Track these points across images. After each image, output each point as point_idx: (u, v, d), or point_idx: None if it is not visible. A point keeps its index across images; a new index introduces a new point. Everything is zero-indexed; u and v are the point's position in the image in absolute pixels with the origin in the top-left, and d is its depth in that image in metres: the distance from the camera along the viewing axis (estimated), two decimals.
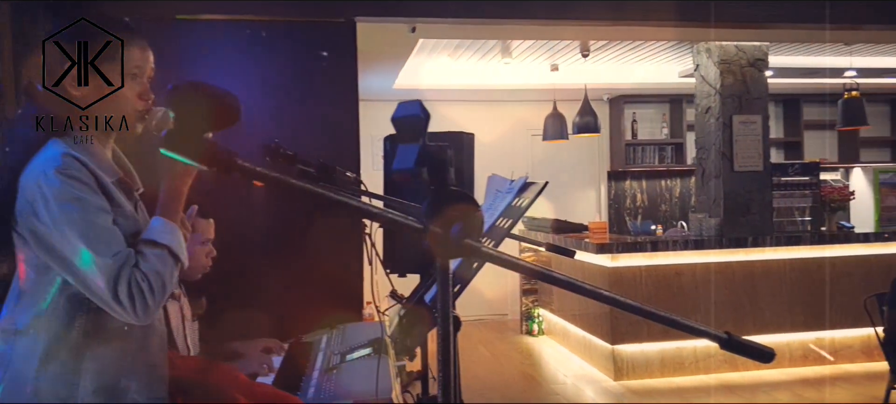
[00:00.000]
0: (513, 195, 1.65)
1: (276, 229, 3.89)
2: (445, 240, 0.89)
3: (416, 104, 0.93)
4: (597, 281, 5.95)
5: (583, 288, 0.98)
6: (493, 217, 1.65)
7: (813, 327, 5.94)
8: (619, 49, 6.63)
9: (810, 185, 6.51)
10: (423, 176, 0.93)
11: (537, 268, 0.99)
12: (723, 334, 1.06)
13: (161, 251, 1.51)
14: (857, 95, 6.60)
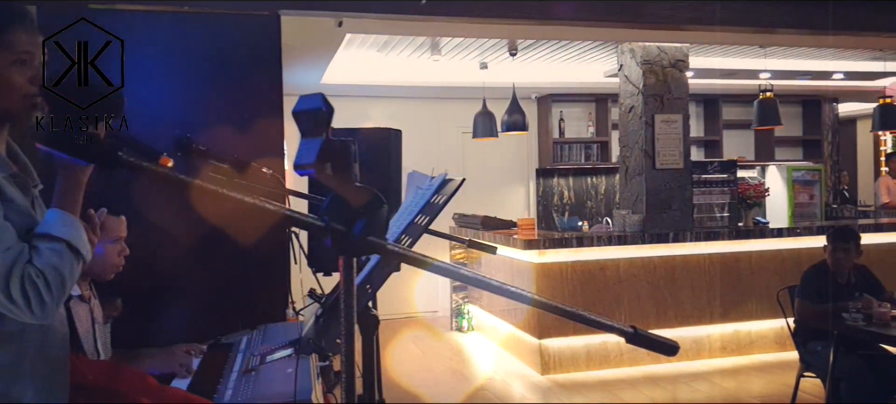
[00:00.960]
0: (432, 192, 1.63)
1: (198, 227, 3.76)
2: (348, 237, 0.87)
3: (318, 97, 0.90)
4: (524, 276, 6.02)
5: (489, 284, 0.97)
6: (411, 214, 1.63)
7: (731, 319, 6.17)
8: (546, 48, 6.72)
9: (728, 183, 6.76)
10: (326, 171, 0.90)
11: (443, 264, 0.98)
12: (628, 328, 1.07)
13: (57, 244, 1.42)
14: (771, 96, 6.89)
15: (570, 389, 5.44)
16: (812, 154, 9.80)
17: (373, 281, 1.56)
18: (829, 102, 9.86)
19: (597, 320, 1.05)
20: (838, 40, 5.95)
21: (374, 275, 1.53)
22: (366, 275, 1.61)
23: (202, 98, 3.90)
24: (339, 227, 0.86)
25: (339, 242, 0.87)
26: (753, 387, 5.39)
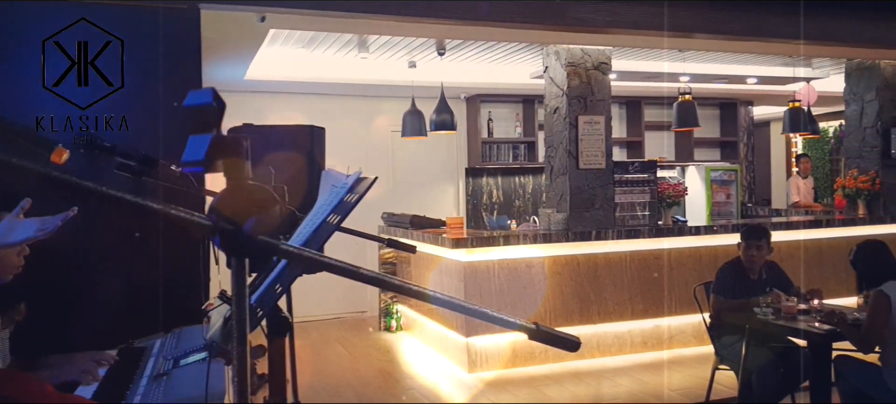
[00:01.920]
0: (345, 191, 1.61)
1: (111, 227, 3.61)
2: (237, 237, 0.84)
3: (209, 92, 0.87)
4: (453, 275, 6.05)
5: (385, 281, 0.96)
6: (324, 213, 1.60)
7: (651, 315, 6.36)
8: (474, 49, 6.76)
9: (649, 182, 6.97)
10: (217, 169, 0.87)
11: (345, 265, 0.96)
12: (531, 325, 1.08)
13: None
14: (689, 99, 7.14)
15: (496, 387, 5.49)
16: (729, 155, 10.20)
17: (282, 282, 1.52)
18: (745, 105, 10.29)
19: (500, 318, 1.06)
20: (750, 46, 6.21)
21: (284, 276, 1.50)
22: (275, 276, 1.57)
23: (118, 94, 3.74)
24: (228, 226, 0.83)
25: (228, 241, 0.84)
26: (672, 381, 5.56)
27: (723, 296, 4.49)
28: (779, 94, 9.38)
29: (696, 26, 5.57)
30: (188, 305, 3.64)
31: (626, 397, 5.19)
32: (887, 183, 7.41)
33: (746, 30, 5.62)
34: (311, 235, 1.54)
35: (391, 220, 7.17)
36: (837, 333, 3.87)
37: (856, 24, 6.02)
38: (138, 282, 3.61)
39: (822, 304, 4.27)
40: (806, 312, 4.18)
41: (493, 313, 1.04)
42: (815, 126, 8.78)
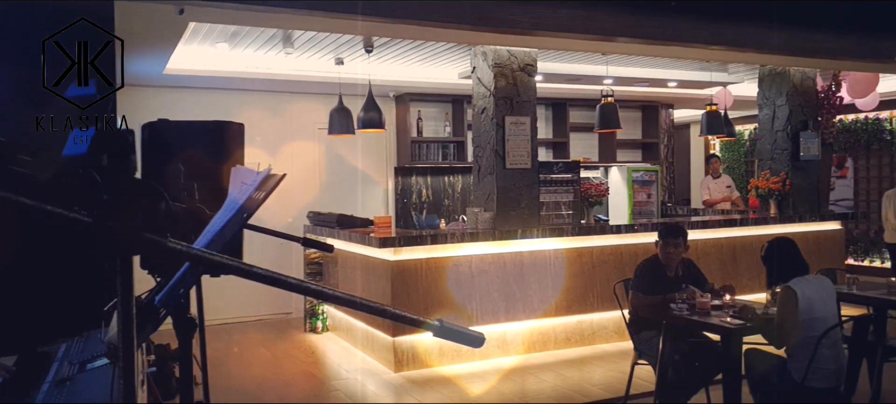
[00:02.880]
0: (253, 188, 1.57)
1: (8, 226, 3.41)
2: (120, 234, 0.80)
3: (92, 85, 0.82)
4: (380, 274, 6.01)
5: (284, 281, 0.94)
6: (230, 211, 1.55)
7: (574, 311, 6.49)
8: (402, 47, 6.75)
9: (572, 182, 7.10)
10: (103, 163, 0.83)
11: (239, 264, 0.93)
12: (435, 323, 1.08)
13: None
14: (611, 101, 7.32)
15: (422, 385, 5.49)
16: (650, 156, 10.52)
17: (186, 283, 1.47)
18: (665, 108, 10.64)
19: (405, 316, 1.05)
20: (668, 50, 6.42)
21: (187, 276, 1.45)
22: (179, 276, 1.52)
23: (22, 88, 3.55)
24: (111, 223, 0.80)
25: (110, 240, 0.80)
26: (594, 376, 5.69)
27: (641, 292, 4.61)
28: (697, 97, 9.74)
29: (617, 30, 5.71)
30: (99, 307, 3.49)
31: (550, 392, 5.28)
32: (796, 184, 7.80)
33: (665, 34, 5.80)
34: (215, 235, 1.50)
35: (317, 220, 7.07)
36: (748, 327, 4.04)
37: (765, 31, 6.31)
38: (41, 284, 3.43)
39: (734, 300, 4.45)
40: (719, 308, 4.36)
41: (398, 311, 1.03)
42: (730, 129, 9.17)
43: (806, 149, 7.78)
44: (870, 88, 8.39)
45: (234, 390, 5.47)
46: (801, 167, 7.85)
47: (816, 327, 3.70)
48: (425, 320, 1.05)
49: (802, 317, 3.74)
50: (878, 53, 6.94)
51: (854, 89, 8.43)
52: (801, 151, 7.77)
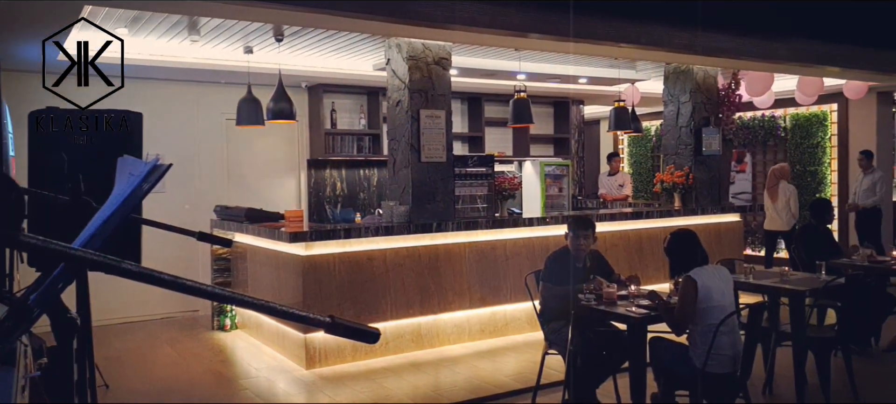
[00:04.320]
0: (139, 179, 1.47)
1: None
2: None
3: None
4: (290, 270, 5.88)
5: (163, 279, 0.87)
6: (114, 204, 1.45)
7: (488, 303, 6.54)
8: (314, 36, 6.60)
9: (487, 176, 7.15)
10: None
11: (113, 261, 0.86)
12: (326, 319, 1.03)
13: None
14: (524, 97, 7.42)
15: (334, 382, 5.40)
16: (562, 151, 10.74)
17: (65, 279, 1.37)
18: (576, 104, 10.88)
19: (294, 312, 1.00)
20: (578, 47, 6.54)
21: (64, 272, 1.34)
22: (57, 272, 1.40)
23: None
24: None
25: None
26: (507, 367, 5.75)
27: (551, 283, 4.69)
28: (606, 94, 10.02)
29: (528, 26, 5.77)
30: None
31: (463, 385, 5.29)
32: (699, 178, 8.14)
33: (575, 31, 5.91)
34: (97, 228, 1.39)
35: (225, 214, 6.84)
36: (652, 317, 4.17)
37: (670, 30, 6.53)
38: None
39: (639, 290, 4.59)
40: (624, 298, 4.48)
41: (288, 308, 0.98)
42: (638, 124, 9.47)
43: (708, 144, 8.12)
44: (766, 87, 8.85)
45: (136, 391, 5.22)
46: (703, 162, 8.20)
47: (715, 315, 3.86)
48: (315, 316, 1.00)
49: (702, 306, 3.90)
50: (772, 55, 7.32)
51: (752, 88, 8.87)
52: (703, 147, 8.11)
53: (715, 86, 8.35)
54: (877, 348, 6.05)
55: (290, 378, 5.55)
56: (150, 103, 7.24)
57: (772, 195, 8.67)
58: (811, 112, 10.59)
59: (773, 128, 11.00)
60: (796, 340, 4.80)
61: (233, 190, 8.10)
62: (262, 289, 6.47)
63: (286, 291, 5.98)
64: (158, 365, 6.02)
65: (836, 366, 4.96)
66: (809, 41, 7.37)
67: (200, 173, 8.12)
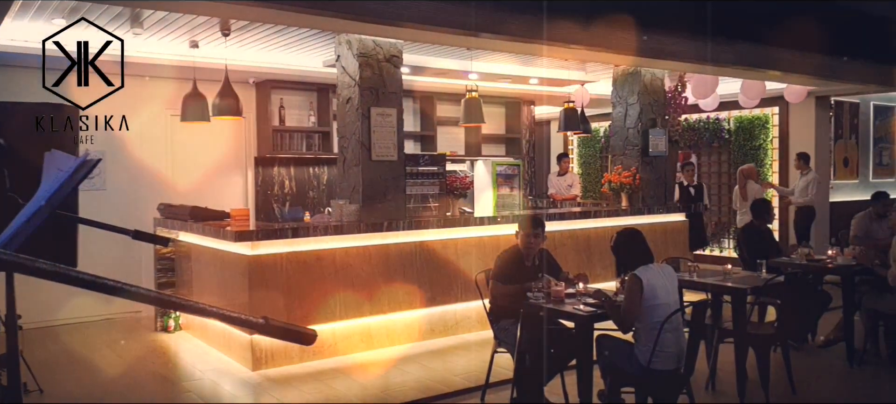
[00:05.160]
0: (66, 175, 1.40)
1: None
2: None
3: None
4: (235, 270, 5.75)
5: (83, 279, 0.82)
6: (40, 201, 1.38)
7: (439, 302, 6.52)
8: (263, 31, 6.48)
9: (438, 175, 7.14)
10: None
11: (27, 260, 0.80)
12: (259, 320, 0.99)
13: None
14: (476, 96, 7.43)
15: (281, 383, 5.31)
16: (513, 150, 10.81)
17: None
18: (527, 105, 10.96)
19: (227, 314, 0.96)
20: (529, 48, 6.57)
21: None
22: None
23: None
24: None
25: None
26: (457, 366, 5.74)
27: (500, 282, 4.70)
28: (557, 95, 10.11)
29: (480, 26, 5.77)
30: None
31: (413, 384, 5.27)
32: (645, 178, 8.28)
33: (526, 32, 5.94)
34: (20, 225, 1.32)
35: (168, 212, 6.66)
36: (599, 315, 4.21)
37: (618, 33, 6.62)
38: None
39: (586, 288, 4.63)
40: (572, 296, 4.52)
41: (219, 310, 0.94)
42: (587, 125, 9.59)
43: (654, 145, 8.27)
44: (711, 90, 9.06)
45: (72, 395, 5.03)
46: (650, 162, 8.35)
47: (660, 313, 3.92)
48: (248, 318, 0.96)
49: (647, 304, 3.95)
50: (717, 58, 7.49)
51: (697, 91, 9.08)
52: (650, 148, 8.26)
53: (662, 88, 8.50)
54: (813, 343, 6.25)
55: (236, 380, 5.43)
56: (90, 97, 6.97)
57: (743, 194, 9.01)
58: (754, 115, 10.90)
59: (717, 130, 11.28)
60: (738, 337, 4.92)
61: (177, 188, 7.89)
62: (208, 290, 6.32)
63: (232, 292, 5.85)
64: (96, 368, 5.82)
65: (776, 362, 5.10)
66: (753, 46, 7.57)
67: (143, 170, 7.89)
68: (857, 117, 11.60)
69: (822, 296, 6.29)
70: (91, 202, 7.32)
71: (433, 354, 6.09)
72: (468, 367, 5.66)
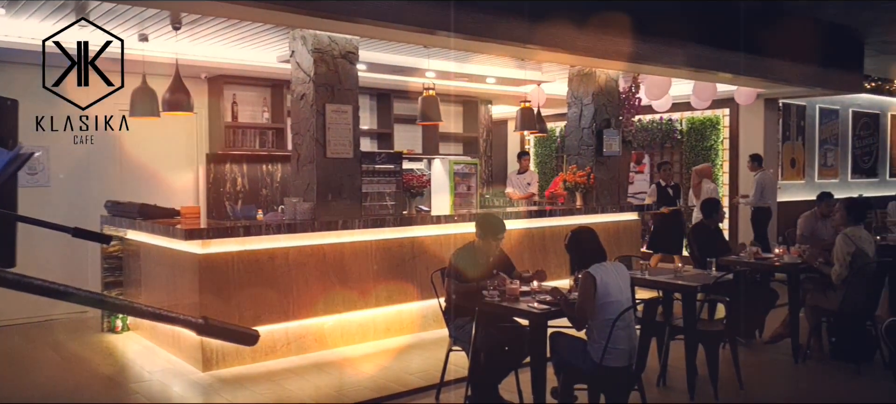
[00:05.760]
0: None
1: None
2: None
3: None
4: (186, 268, 5.62)
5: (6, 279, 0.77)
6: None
7: (395, 301, 6.48)
8: (215, 25, 6.35)
9: (395, 173, 7.10)
10: None
11: None
12: (199, 320, 0.95)
13: None
14: (433, 94, 7.41)
15: (233, 384, 5.21)
16: (470, 149, 10.83)
17: None
18: (485, 104, 11.00)
19: (167, 315, 0.91)
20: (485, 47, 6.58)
21: None
22: None
23: None
24: None
25: None
26: (413, 365, 5.72)
27: (456, 280, 4.69)
28: (513, 94, 10.16)
29: (437, 24, 5.75)
30: None
31: (368, 384, 5.22)
32: (599, 178, 8.38)
33: (482, 31, 5.94)
34: None
35: (116, 210, 6.47)
36: (553, 312, 4.24)
37: (574, 33, 6.67)
38: None
39: (541, 286, 4.66)
40: (527, 294, 4.53)
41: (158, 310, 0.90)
42: (542, 125, 9.67)
43: (608, 145, 8.37)
44: (664, 91, 9.22)
45: (11, 398, 4.85)
46: (604, 162, 8.45)
47: (612, 310, 3.96)
48: (186, 318, 0.92)
49: (600, 301, 3.99)
50: (670, 60, 7.61)
51: (651, 92, 9.22)
52: (604, 147, 8.36)
53: (616, 89, 8.61)
54: (761, 340, 6.41)
55: (186, 381, 5.31)
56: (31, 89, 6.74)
57: (696, 193, 9.20)
58: (705, 116, 11.13)
59: (670, 131, 11.49)
60: (688, 334, 5.01)
61: (126, 185, 7.68)
62: (157, 290, 6.17)
63: (181, 291, 5.71)
64: (38, 370, 5.62)
65: (725, 358, 5.21)
66: (705, 48, 7.72)
67: (90, 167, 7.66)
68: (803, 119, 11.96)
69: (770, 293, 6.45)
70: (34, 199, 7.09)
71: (389, 353, 6.05)
72: (424, 366, 5.63)
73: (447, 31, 5.83)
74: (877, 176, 13.84)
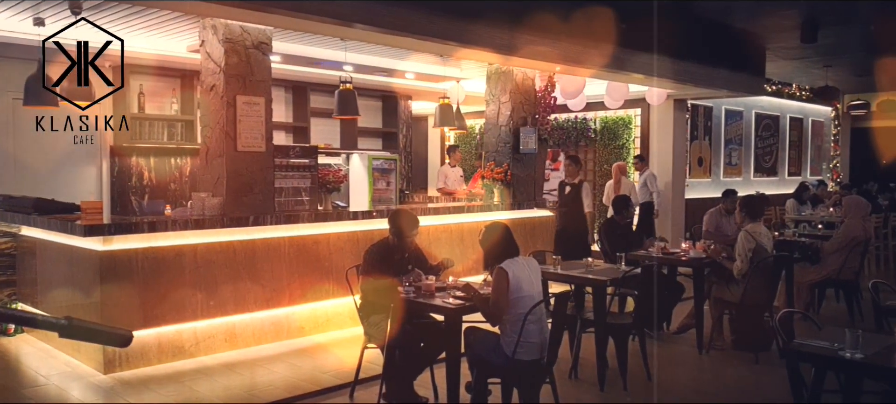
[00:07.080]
0: None
1: None
2: None
3: None
4: (86, 266, 5.34)
5: None
6: None
7: (310, 299, 6.35)
8: (119, 11, 6.05)
9: (310, 168, 6.96)
10: None
11: None
12: (62, 321, 0.88)
13: None
14: (350, 88, 7.30)
15: (137, 386, 4.98)
16: (390, 145, 10.76)
17: None
18: (404, 100, 10.95)
19: (26, 317, 0.83)
20: (402, 41, 6.53)
21: None
22: None
23: None
24: None
25: None
26: (328, 363, 5.62)
27: (370, 277, 4.63)
28: (433, 90, 10.15)
29: (353, 16, 5.66)
30: None
31: (280, 384, 5.10)
32: (516, 175, 8.49)
33: (399, 25, 5.89)
34: None
35: (9, 204, 6.07)
36: (467, 307, 4.25)
37: (491, 31, 6.72)
38: None
39: (455, 282, 4.66)
40: (442, 289, 4.53)
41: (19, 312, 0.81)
42: (462, 121, 9.70)
43: (525, 143, 8.49)
44: (578, 91, 9.42)
45: None
46: (521, 159, 8.56)
47: (524, 304, 4.00)
48: (51, 319, 0.85)
49: (513, 296, 4.02)
50: (585, 61, 7.78)
51: (566, 91, 9.41)
52: (520, 145, 8.47)
53: (533, 87, 8.74)
54: (668, 331, 6.64)
55: (86, 384, 5.03)
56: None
57: (616, 189, 9.47)
58: (618, 116, 11.46)
59: (584, 130, 11.77)
60: (598, 327, 5.13)
61: (20, 178, 7.23)
62: (55, 289, 5.83)
63: (82, 290, 5.42)
64: None
65: (633, 349, 5.36)
66: (618, 49, 7.93)
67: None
68: (710, 120, 12.50)
69: (676, 287, 6.69)
70: None
71: (303, 352, 5.93)
72: (339, 364, 5.55)
73: (364, 24, 5.76)
74: (776, 174, 14.63)
